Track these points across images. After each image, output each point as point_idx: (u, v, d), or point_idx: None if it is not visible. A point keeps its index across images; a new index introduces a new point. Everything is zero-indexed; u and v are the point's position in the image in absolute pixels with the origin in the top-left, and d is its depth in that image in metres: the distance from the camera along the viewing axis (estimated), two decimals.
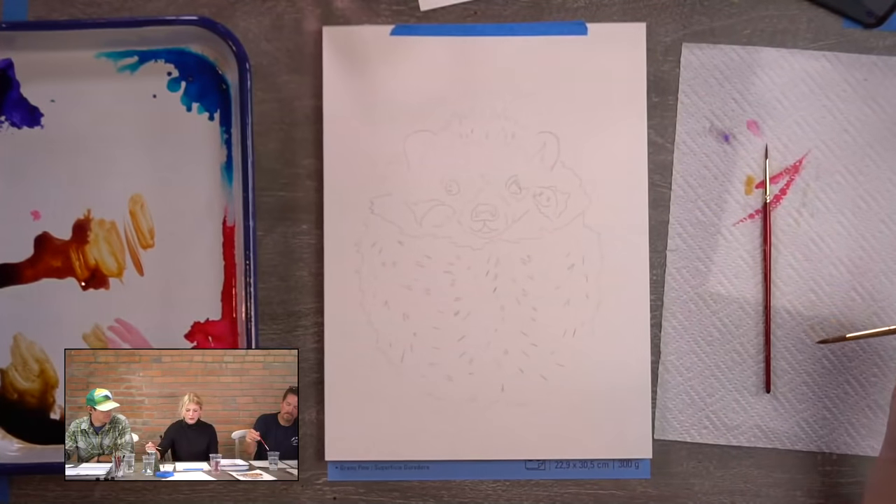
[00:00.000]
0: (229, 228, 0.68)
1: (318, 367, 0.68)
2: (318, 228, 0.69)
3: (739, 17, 0.69)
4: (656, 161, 0.69)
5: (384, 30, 0.69)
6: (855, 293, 0.68)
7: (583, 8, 0.69)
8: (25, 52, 0.68)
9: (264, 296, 0.68)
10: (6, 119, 0.68)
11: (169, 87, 0.68)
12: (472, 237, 0.68)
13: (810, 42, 0.69)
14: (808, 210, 0.69)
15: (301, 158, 0.69)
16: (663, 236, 0.69)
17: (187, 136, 0.68)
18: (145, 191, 0.68)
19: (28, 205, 0.68)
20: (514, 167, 0.68)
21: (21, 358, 0.68)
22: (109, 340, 0.68)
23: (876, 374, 0.68)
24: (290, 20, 0.69)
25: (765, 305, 0.68)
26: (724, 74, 0.69)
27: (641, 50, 0.68)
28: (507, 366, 0.68)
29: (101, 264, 0.68)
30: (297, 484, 0.68)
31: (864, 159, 0.69)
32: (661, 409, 0.68)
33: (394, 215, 0.68)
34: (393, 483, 0.69)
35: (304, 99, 0.69)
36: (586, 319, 0.68)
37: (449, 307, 0.68)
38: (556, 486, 0.69)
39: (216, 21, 0.65)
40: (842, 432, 0.68)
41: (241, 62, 0.65)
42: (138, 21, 0.65)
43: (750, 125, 0.69)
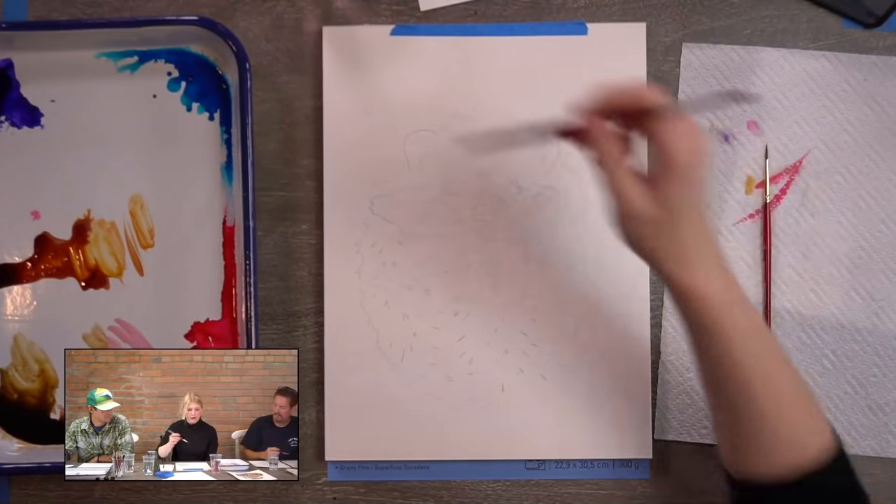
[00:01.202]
0: (229, 228, 0.68)
1: (318, 367, 0.68)
2: (318, 228, 0.69)
3: (739, 17, 0.69)
4: None
5: (384, 30, 0.69)
6: (855, 293, 0.68)
7: (583, 8, 0.69)
8: (25, 52, 0.68)
9: (264, 296, 0.68)
10: (6, 119, 0.68)
11: (169, 87, 0.68)
12: (472, 237, 0.68)
13: (810, 42, 0.69)
14: (808, 210, 0.69)
15: (301, 158, 0.69)
16: None
17: (187, 136, 0.68)
18: (145, 191, 0.68)
19: (28, 205, 0.68)
20: (513, 167, 0.68)
21: (21, 358, 0.68)
22: (109, 340, 0.68)
23: (876, 374, 0.68)
24: (290, 20, 0.69)
25: (765, 305, 0.68)
26: (724, 74, 0.69)
27: (641, 50, 0.68)
28: (507, 366, 0.68)
29: (101, 264, 0.68)
30: (297, 484, 0.68)
31: (864, 159, 0.69)
32: (661, 409, 0.68)
33: (394, 215, 0.68)
34: (393, 483, 0.69)
35: (304, 99, 0.69)
36: (586, 319, 0.68)
37: (449, 307, 0.68)
38: (556, 486, 0.69)
39: (216, 21, 0.65)
40: (842, 432, 0.68)
41: (241, 62, 0.65)
42: (138, 21, 0.65)
43: (750, 125, 0.69)
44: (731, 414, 0.54)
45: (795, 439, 0.53)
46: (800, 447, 0.53)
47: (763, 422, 0.53)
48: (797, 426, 0.53)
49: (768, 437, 0.53)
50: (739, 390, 0.53)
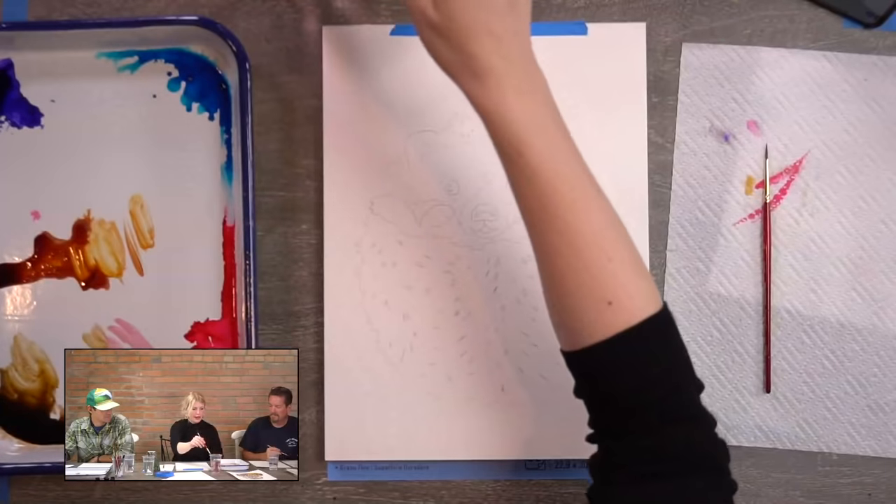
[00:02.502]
0: (229, 228, 0.68)
1: (318, 367, 0.68)
2: (318, 228, 0.69)
3: (739, 17, 0.69)
4: (656, 161, 0.69)
5: (384, 30, 0.69)
6: (855, 293, 0.68)
7: (583, 8, 0.69)
8: (25, 52, 0.68)
9: (264, 296, 0.68)
10: (6, 119, 0.68)
11: (169, 87, 0.68)
12: (472, 237, 0.68)
13: (810, 42, 0.69)
14: (808, 210, 0.69)
15: (301, 158, 0.69)
16: (663, 236, 0.69)
17: (187, 136, 0.68)
18: (145, 191, 0.68)
19: (28, 205, 0.68)
20: None
21: (21, 358, 0.68)
22: (109, 340, 0.68)
23: (876, 374, 0.68)
24: (290, 20, 0.69)
25: (765, 305, 0.68)
26: (724, 74, 0.69)
27: (641, 50, 0.68)
28: (507, 366, 0.68)
29: (101, 264, 0.68)
30: (297, 484, 0.68)
31: (864, 159, 0.69)
32: None
33: (394, 215, 0.68)
34: (393, 483, 0.69)
35: (304, 99, 0.69)
36: None
37: (449, 307, 0.68)
38: (556, 486, 0.68)
39: (216, 21, 0.65)
40: (842, 432, 0.68)
41: (241, 62, 0.65)
42: (138, 21, 0.65)
43: (750, 125, 0.69)
44: (545, 270, 0.53)
45: (607, 299, 0.50)
46: (614, 310, 0.50)
47: (574, 278, 0.51)
48: (612, 285, 0.51)
49: (580, 298, 0.51)
50: (551, 237, 0.51)
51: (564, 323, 0.54)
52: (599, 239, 0.51)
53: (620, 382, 0.52)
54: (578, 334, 0.52)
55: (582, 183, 0.52)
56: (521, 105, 0.52)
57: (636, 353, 0.51)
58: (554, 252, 0.52)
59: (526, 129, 0.51)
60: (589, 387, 0.54)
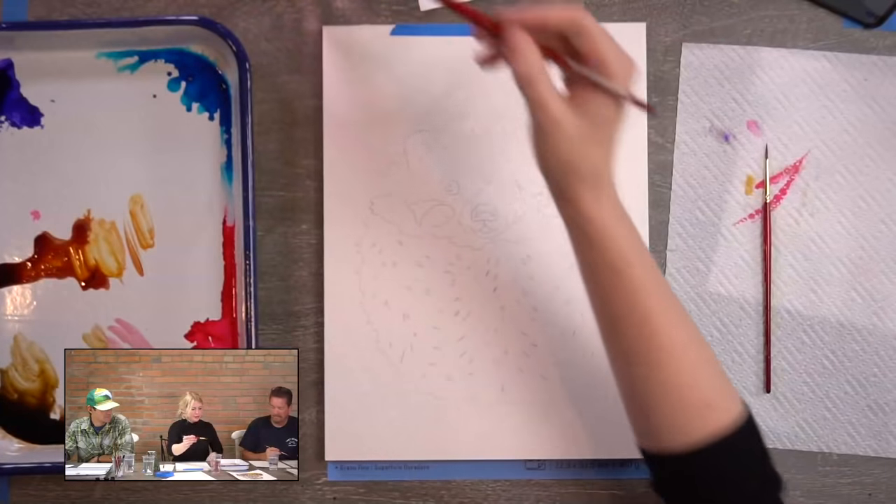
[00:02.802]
0: (229, 228, 0.68)
1: (318, 367, 0.68)
2: (318, 228, 0.69)
3: (739, 17, 0.69)
4: (656, 161, 0.69)
5: (384, 30, 0.69)
6: (855, 293, 0.68)
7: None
8: (25, 52, 0.68)
9: (264, 296, 0.68)
10: (6, 119, 0.68)
11: (169, 87, 0.68)
12: (472, 237, 0.68)
13: (810, 42, 0.69)
14: (808, 210, 0.69)
15: (301, 158, 0.69)
16: (663, 236, 0.69)
17: (187, 136, 0.68)
18: (145, 191, 0.68)
19: (28, 205, 0.68)
20: (514, 167, 0.68)
21: (21, 358, 0.68)
22: (109, 340, 0.68)
23: (876, 374, 0.68)
24: (290, 20, 0.69)
25: (765, 305, 0.68)
26: (724, 74, 0.69)
27: (641, 50, 0.68)
28: (507, 366, 0.68)
29: (101, 264, 0.68)
30: (297, 484, 0.68)
31: (864, 159, 0.69)
32: None
33: (394, 215, 0.68)
34: (393, 483, 0.69)
35: (304, 99, 0.69)
36: (586, 319, 0.68)
37: (449, 307, 0.68)
38: (556, 486, 0.68)
39: (216, 21, 0.65)
40: (842, 432, 0.68)
41: (241, 62, 0.65)
42: (138, 21, 0.65)
43: (750, 125, 0.69)
44: (640, 375, 0.54)
45: (706, 402, 0.53)
46: (712, 412, 0.52)
47: (674, 382, 0.53)
48: (707, 388, 0.53)
49: (679, 401, 0.53)
50: (649, 345, 0.53)
51: (656, 425, 0.55)
52: (694, 343, 0.54)
53: (723, 489, 0.53)
54: (674, 437, 0.53)
55: (669, 291, 0.55)
56: (626, 221, 0.54)
57: (739, 457, 0.53)
58: (644, 357, 0.54)
59: (630, 247, 0.53)
60: (683, 487, 0.55)
